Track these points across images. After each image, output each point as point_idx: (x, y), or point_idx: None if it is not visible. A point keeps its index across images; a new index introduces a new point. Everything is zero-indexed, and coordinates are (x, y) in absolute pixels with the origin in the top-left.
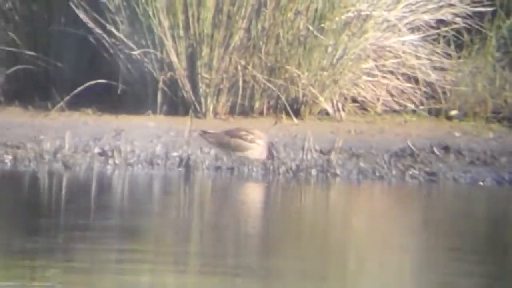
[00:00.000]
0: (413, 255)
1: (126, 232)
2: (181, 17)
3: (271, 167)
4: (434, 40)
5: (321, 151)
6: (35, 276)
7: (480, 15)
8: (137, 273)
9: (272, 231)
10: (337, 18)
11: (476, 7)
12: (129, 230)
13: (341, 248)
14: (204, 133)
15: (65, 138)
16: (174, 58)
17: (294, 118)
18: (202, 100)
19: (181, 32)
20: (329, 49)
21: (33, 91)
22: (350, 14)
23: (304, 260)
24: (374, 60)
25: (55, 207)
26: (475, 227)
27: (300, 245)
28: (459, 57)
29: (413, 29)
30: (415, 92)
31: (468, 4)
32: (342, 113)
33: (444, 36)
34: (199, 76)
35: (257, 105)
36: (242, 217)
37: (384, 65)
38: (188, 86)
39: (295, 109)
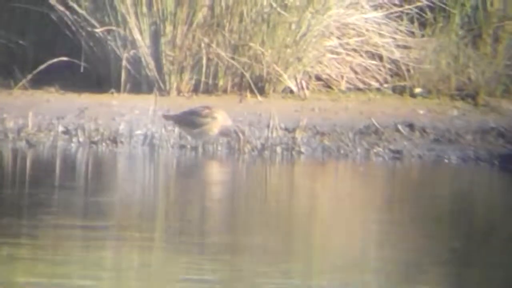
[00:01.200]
0: (374, 231)
1: (90, 210)
2: None
3: (236, 145)
4: (397, 17)
5: (286, 129)
6: None
7: None
8: (101, 249)
9: (237, 209)
10: None
11: None
12: (93, 208)
13: (305, 225)
14: (166, 116)
15: (29, 116)
16: (137, 35)
17: (259, 96)
18: (166, 78)
19: (144, 10)
20: (293, 26)
21: None
22: None
23: (268, 237)
24: (338, 37)
25: (19, 184)
26: (438, 204)
27: (265, 223)
28: (422, 35)
29: (376, 7)
30: (379, 70)
31: None
32: (306, 91)
33: (408, 14)
34: (163, 54)
35: (221, 83)
36: (206, 195)
37: (347, 43)
38: (151, 64)
39: (260, 87)
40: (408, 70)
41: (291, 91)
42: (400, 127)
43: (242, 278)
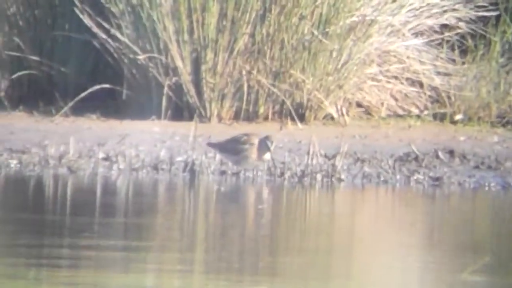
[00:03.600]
0: (416, 257)
1: (131, 234)
2: (185, 21)
3: (276, 172)
4: (438, 45)
5: (326, 156)
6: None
7: (484, 19)
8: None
9: (277, 235)
10: (341, 23)
11: (480, 11)
12: (134, 231)
13: (345, 250)
14: (210, 144)
15: (70, 143)
16: (179, 63)
17: (299, 123)
18: (207, 105)
19: (186, 37)
20: (334, 54)
21: (37, 96)
22: (355, 18)
23: (309, 262)
24: (379, 65)
25: (61, 211)
26: (479, 230)
27: (305, 248)
28: (463, 62)
29: (417, 34)
30: (420, 97)
31: (472, 9)
32: (347, 118)
33: (448, 41)
34: (204, 81)
35: (261, 110)
36: (247, 221)
37: (388, 70)
38: (192, 91)
39: (300, 114)
40: (449, 97)
41: (332, 118)
42: (440, 153)
43: None
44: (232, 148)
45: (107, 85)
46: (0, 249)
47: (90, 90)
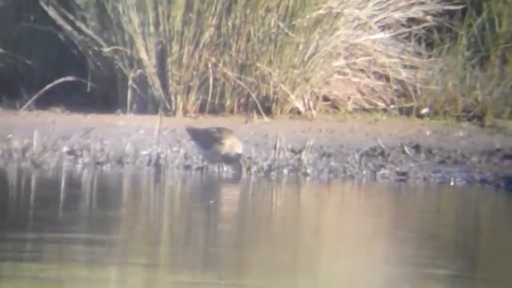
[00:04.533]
0: (379, 250)
1: (96, 227)
2: (151, 14)
3: (242, 166)
4: (405, 38)
5: (292, 150)
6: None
7: (451, 13)
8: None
9: (243, 229)
10: (308, 16)
11: (446, 5)
12: (98, 224)
13: (311, 244)
14: (188, 129)
15: (34, 136)
16: (144, 55)
17: (265, 117)
18: (172, 98)
19: (151, 29)
20: (300, 47)
21: (1, 89)
22: (321, 11)
23: (275, 255)
24: (345, 58)
25: (24, 203)
26: (442, 225)
27: (271, 242)
28: (429, 56)
29: (384, 27)
30: (386, 91)
31: (438, 2)
32: (313, 112)
33: (415, 35)
34: (169, 74)
35: (227, 103)
36: (213, 215)
37: (355, 63)
38: (158, 84)
39: (266, 107)
40: (415, 91)
41: (298, 112)
42: (406, 148)
43: None
44: (203, 140)
45: (71, 78)
46: None
47: (54, 82)
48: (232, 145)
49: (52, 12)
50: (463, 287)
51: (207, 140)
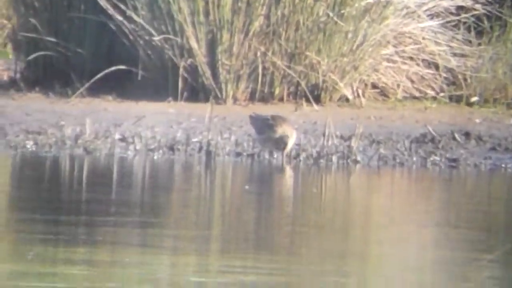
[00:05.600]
0: (429, 235)
1: (148, 212)
2: (201, 3)
3: (292, 154)
4: (454, 26)
5: (341, 138)
6: (59, 259)
7: (500, 1)
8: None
9: (293, 215)
10: (357, 4)
11: None
12: (152, 210)
13: (361, 230)
14: (251, 116)
15: (86, 124)
16: (194, 44)
17: (315, 105)
18: (222, 86)
19: (201, 18)
20: (349, 35)
21: (53, 77)
22: (370, 0)
23: (325, 241)
24: (394, 46)
25: (77, 189)
26: (493, 212)
27: (322, 228)
28: (479, 44)
29: (433, 16)
30: (435, 79)
31: None
32: (362, 99)
33: (464, 23)
34: (219, 63)
35: (277, 91)
36: (265, 202)
37: (404, 51)
38: (208, 73)
39: (315, 95)
40: (465, 79)
41: (347, 100)
42: (456, 135)
43: (296, 278)
44: (259, 126)
45: (122, 67)
46: (18, 224)
47: (106, 71)
48: (283, 132)
49: (103, 2)
50: (508, 272)
51: (262, 126)
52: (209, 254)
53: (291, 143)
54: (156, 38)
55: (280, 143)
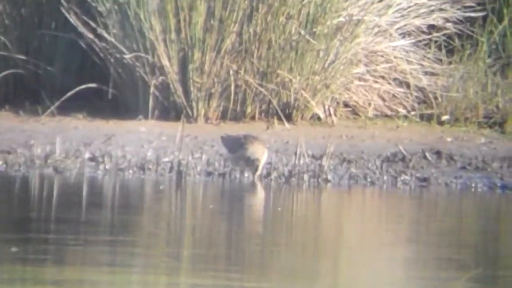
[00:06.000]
0: (400, 255)
1: (118, 232)
2: (172, 20)
3: (263, 172)
4: (425, 45)
5: (313, 156)
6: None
7: (471, 20)
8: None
9: (264, 234)
10: (328, 23)
11: (467, 12)
12: (121, 229)
13: (331, 249)
14: (222, 137)
15: (56, 143)
16: (165, 62)
17: (286, 123)
18: (194, 104)
19: (173, 36)
20: (321, 54)
21: (23, 95)
22: (342, 19)
23: (295, 260)
24: (366, 64)
25: (46, 208)
26: (464, 231)
27: (291, 247)
28: (450, 62)
29: (404, 34)
30: (407, 97)
31: (459, 9)
32: (334, 118)
33: (436, 41)
34: (191, 81)
35: (249, 109)
36: (235, 220)
37: (375, 70)
38: (179, 91)
39: (287, 113)
40: (436, 98)
41: (319, 118)
42: (427, 154)
43: None
44: (231, 145)
45: (93, 85)
46: None
47: (76, 89)
48: (254, 151)
49: (73, 19)
50: None
51: (234, 145)
52: (179, 273)
53: (262, 163)
54: (127, 56)
55: (251, 164)
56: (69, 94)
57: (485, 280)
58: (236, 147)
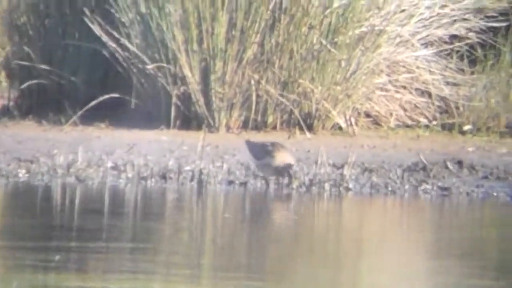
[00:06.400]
0: (421, 264)
1: (140, 239)
2: (194, 31)
3: (284, 181)
4: (447, 55)
5: (334, 166)
6: None
7: (494, 30)
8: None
9: (285, 243)
10: (350, 33)
11: (490, 22)
12: (143, 237)
13: (353, 258)
14: (247, 141)
15: (78, 152)
16: (187, 72)
17: (307, 133)
18: (215, 114)
19: (195, 47)
20: (343, 64)
21: (46, 105)
22: (364, 29)
23: (316, 270)
24: (388, 75)
25: (68, 216)
26: (485, 241)
27: (312, 256)
28: (472, 72)
29: (427, 44)
30: (428, 107)
31: (481, 19)
32: (355, 128)
33: (458, 51)
34: (212, 91)
35: (270, 119)
36: (254, 230)
37: (397, 80)
38: (201, 101)
39: (308, 123)
40: (457, 108)
41: (340, 128)
42: (448, 164)
43: None
44: (257, 152)
45: (116, 95)
46: (9, 251)
47: (99, 99)
48: (282, 159)
49: (96, 29)
50: None
51: (260, 152)
52: (200, 281)
53: (294, 170)
54: (149, 66)
55: (281, 172)
56: (92, 103)
57: None
58: (263, 153)
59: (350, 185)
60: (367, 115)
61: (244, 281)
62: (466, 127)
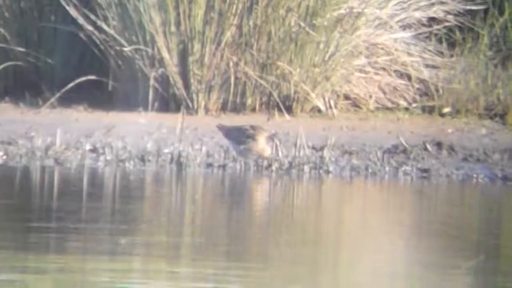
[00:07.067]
0: (400, 245)
1: (117, 220)
2: (172, 13)
3: (263, 164)
4: (426, 38)
5: (313, 148)
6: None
7: (472, 13)
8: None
9: (264, 224)
10: (328, 15)
11: (468, 5)
12: (122, 218)
13: (332, 239)
14: (220, 126)
15: (56, 134)
16: (165, 54)
17: (286, 115)
18: (194, 96)
19: (173, 29)
20: (321, 46)
21: (23, 87)
22: (342, 11)
23: (296, 250)
24: (366, 57)
25: (47, 199)
26: (464, 222)
27: (292, 237)
28: (451, 55)
29: (405, 27)
30: (408, 89)
31: (460, 2)
32: (334, 110)
33: (436, 34)
34: (191, 73)
35: (249, 101)
36: (234, 210)
37: (376, 62)
38: (179, 83)
39: (287, 106)
40: (437, 90)
41: (319, 110)
42: (428, 146)
43: (266, 286)
44: (236, 137)
45: (93, 77)
46: None
47: (76, 81)
48: (265, 141)
49: (73, 12)
50: (484, 280)
51: (240, 137)
52: (179, 261)
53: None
54: (127, 48)
55: (259, 157)
56: (69, 86)
57: (484, 269)
58: (244, 138)
59: (330, 168)
60: (346, 97)
61: (223, 261)
62: (446, 110)
